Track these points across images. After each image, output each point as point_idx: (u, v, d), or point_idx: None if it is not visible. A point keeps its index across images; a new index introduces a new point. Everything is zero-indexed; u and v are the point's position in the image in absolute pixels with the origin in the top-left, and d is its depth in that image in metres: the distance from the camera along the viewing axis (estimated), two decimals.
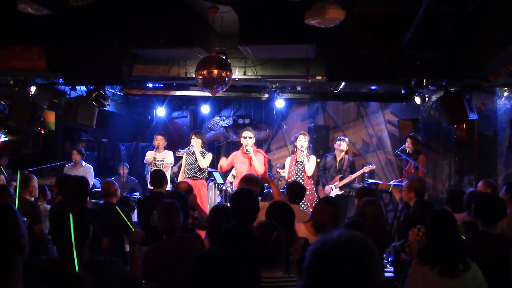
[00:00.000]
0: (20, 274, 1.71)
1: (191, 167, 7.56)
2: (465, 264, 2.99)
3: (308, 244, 3.52)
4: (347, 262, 1.42)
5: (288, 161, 7.52)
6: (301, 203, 5.74)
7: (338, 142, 8.04)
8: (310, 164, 7.20)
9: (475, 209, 3.76)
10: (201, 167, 7.55)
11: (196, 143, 7.55)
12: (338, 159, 7.93)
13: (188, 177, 7.46)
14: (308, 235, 3.89)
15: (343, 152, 7.98)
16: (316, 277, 1.45)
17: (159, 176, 5.73)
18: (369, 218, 4.14)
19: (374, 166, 8.35)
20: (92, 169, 8.05)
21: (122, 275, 2.93)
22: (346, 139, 8.14)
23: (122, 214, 4.02)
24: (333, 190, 7.79)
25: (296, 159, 7.33)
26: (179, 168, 8.49)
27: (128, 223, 3.97)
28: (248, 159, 7.11)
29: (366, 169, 7.99)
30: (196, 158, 7.51)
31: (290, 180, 7.09)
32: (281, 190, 8.20)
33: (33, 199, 5.35)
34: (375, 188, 7.90)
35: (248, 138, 7.16)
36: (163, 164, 8.05)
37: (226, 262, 1.82)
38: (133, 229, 3.83)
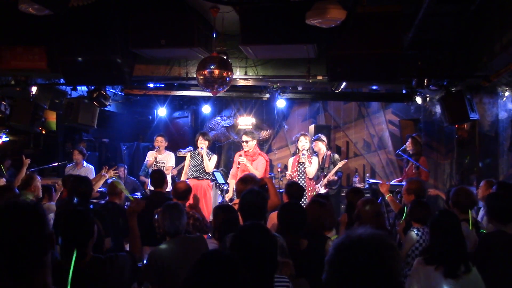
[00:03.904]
0: (50, 271, 1.75)
1: (197, 168, 7.53)
2: (467, 266, 2.98)
3: (311, 248, 3.52)
4: (368, 256, 1.45)
5: (290, 162, 7.50)
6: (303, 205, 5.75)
7: (313, 144, 7.93)
8: (312, 166, 7.20)
9: (489, 209, 3.74)
10: (207, 171, 7.56)
11: (204, 145, 7.54)
12: (320, 158, 7.86)
13: (194, 177, 7.45)
14: None
15: (322, 150, 7.83)
16: (338, 270, 1.49)
17: (158, 176, 5.74)
18: (368, 217, 4.15)
19: (346, 161, 8.13)
20: (94, 169, 8.05)
21: (125, 270, 2.94)
22: (321, 136, 7.91)
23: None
24: (319, 189, 7.68)
25: (298, 160, 7.32)
26: (179, 171, 8.50)
27: (129, 196, 3.98)
28: (249, 160, 7.14)
29: (340, 164, 7.70)
30: (202, 159, 7.50)
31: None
32: (281, 190, 8.23)
33: (35, 199, 5.34)
34: (376, 188, 7.88)
35: (245, 142, 7.18)
36: (164, 166, 8.05)
37: (227, 264, 1.81)
38: (132, 199, 3.80)
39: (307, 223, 3.74)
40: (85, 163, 8.04)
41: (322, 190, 7.60)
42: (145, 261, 3.67)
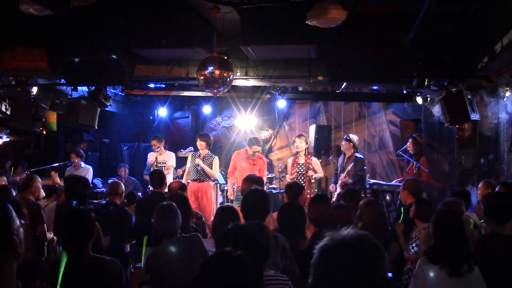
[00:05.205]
0: (12, 278, 1.62)
1: (197, 170, 7.49)
2: (469, 265, 3.01)
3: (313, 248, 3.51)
4: (353, 258, 1.45)
5: (289, 162, 7.49)
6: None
7: (342, 143, 7.89)
8: (318, 171, 7.20)
9: (486, 209, 3.72)
10: (213, 178, 7.58)
11: (201, 148, 7.49)
12: (345, 158, 7.73)
13: (194, 180, 7.42)
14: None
15: (349, 151, 7.70)
16: (323, 273, 1.48)
17: (157, 176, 5.74)
18: (369, 218, 4.15)
19: (353, 163, 8.11)
20: (91, 170, 8.05)
21: (119, 278, 2.96)
22: (351, 136, 7.79)
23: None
24: (337, 190, 7.64)
25: (297, 161, 7.30)
26: (184, 171, 8.50)
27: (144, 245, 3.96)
28: (250, 164, 7.27)
29: (347, 167, 7.66)
30: (202, 161, 7.43)
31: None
32: (281, 191, 8.23)
33: (35, 199, 5.35)
34: (377, 189, 7.87)
35: (258, 152, 7.37)
36: (164, 166, 8.05)
37: (238, 263, 1.82)
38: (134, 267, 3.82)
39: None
40: (83, 164, 8.03)
41: (338, 191, 7.53)
42: (143, 263, 3.66)
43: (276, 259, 2.88)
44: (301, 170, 7.22)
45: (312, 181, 7.12)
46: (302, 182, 7.09)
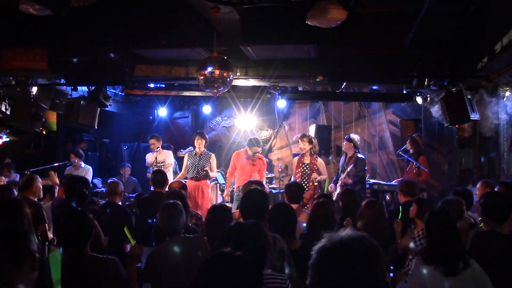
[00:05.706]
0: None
1: (195, 168, 7.50)
2: (465, 262, 3.00)
3: (305, 248, 3.52)
4: (351, 260, 1.44)
5: (294, 161, 7.43)
6: (305, 208, 5.76)
7: (343, 143, 7.83)
8: (322, 173, 7.16)
9: (484, 208, 3.72)
10: (213, 177, 7.60)
11: (200, 146, 7.51)
12: (346, 158, 7.67)
13: (192, 178, 7.44)
14: None
15: (351, 151, 7.60)
16: (321, 274, 1.47)
17: (159, 176, 5.75)
18: (370, 218, 4.15)
19: (353, 164, 8.04)
20: (91, 170, 8.06)
21: (118, 275, 2.96)
22: (352, 136, 7.71)
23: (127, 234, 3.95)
24: (337, 190, 7.61)
25: (302, 160, 7.25)
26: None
27: (129, 236, 3.92)
28: (250, 164, 7.29)
29: (348, 167, 7.63)
30: (199, 158, 7.48)
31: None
32: (281, 191, 8.22)
33: (36, 199, 5.35)
34: (377, 189, 7.86)
35: (258, 152, 7.40)
36: (164, 165, 8.07)
37: (238, 264, 1.82)
38: (132, 242, 3.79)
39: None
40: (83, 164, 8.04)
41: (338, 190, 7.47)
42: (144, 262, 3.66)
43: (273, 261, 2.88)
44: (306, 170, 7.16)
45: (315, 183, 7.08)
46: (306, 183, 7.04)
